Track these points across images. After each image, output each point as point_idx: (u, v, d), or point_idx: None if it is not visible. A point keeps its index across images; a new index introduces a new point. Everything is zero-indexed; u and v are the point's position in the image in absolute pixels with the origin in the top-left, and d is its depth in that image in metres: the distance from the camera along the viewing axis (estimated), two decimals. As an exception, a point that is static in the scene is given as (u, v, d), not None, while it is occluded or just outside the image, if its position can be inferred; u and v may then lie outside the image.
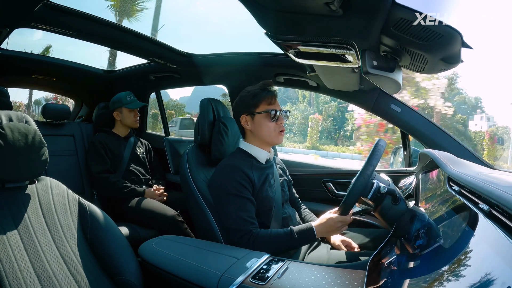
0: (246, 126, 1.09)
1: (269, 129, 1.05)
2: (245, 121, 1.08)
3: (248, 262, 0.78)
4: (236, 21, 41.75)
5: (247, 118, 1.07)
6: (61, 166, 1.72)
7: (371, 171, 0.83)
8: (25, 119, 0.89)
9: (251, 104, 1.06)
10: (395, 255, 0.72)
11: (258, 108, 1.05)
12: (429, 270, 0.54)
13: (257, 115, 1.05)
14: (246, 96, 1.07)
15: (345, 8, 0.72)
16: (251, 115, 1.07)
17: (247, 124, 1.08)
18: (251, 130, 1.08)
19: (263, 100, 1.05)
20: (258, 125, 1.06)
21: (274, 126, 1.05)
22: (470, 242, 0.49)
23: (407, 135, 1.48)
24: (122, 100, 1.78)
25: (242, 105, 1.08)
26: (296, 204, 1.28)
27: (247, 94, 1.07)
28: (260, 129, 1.06)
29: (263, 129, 1.05)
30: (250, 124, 1.07)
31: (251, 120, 1.07)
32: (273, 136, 1.06)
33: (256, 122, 1.06)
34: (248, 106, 1.06)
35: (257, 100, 1.05)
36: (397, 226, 0.80)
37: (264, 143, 1.09)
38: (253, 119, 1.07)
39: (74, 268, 0.81)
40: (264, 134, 1.06)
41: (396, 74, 0.95)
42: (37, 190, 0.87)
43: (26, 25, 1.26)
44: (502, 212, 0.46)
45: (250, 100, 1.06)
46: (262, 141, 1.08)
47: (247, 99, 1.07)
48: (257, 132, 1.07)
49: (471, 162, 1.01)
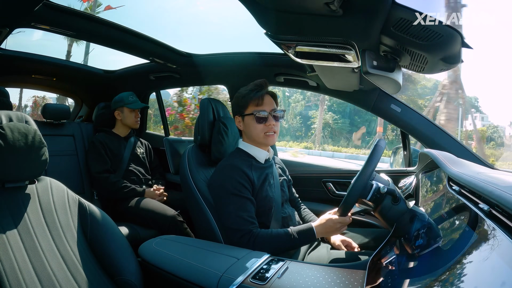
0: (239, 127, 1.10)
1: (257, 131, 1.05)
2: (238, 122, 1.10)
3: (248, 262, 0.78)
4: (236, 21, 41.76)
5: (239, 119, 1.09)
6: (61, 166, 1.72)
7: (371, 172, 0.83)
8: (25, 119, 0.89)
9: (240, 105, 1.07)
10: (395, 255, 0.72)
11: (247, 109, 1.06)
12: (429, 270, 0.54)
13: (246, 116, 1.06)
14: (237, 97, 1.08)
15: (345, 8, 0.72)
16: (241, 116, 1.08)
17: (240, 124, 1.10)
18: (244, 131, 1.10)
19: (250, 101, 1.05)
20: (247, 126, 1.07)
21: (262, 127, 1.05)
22: (470, 242, 0.49)
23: (407, 135, 1.48)
24: (124, 100, 1.78)
25: (235, 106, 1.10)
26: (296, 203, 1.28)
27: (239, 95, 1.08)
28: (249, 130, 1.07)
29: (251, 130, 1.06)
30: (242, 125, 1.09)
31: (242, 121, 1.08)
32: (261, 138, 1.06)
33: (246, 123, 1.07)
34: (239, 107, 1.08)
35: (245, 101, 1.05)
36: (397, 226, 0.80)
37: (258, 144, 1.09)
38: (243, 120, 1.08)
39: (74, 268, 0.81)
40: (253, 136, 1.07)
41: (396, 74, 0.95)
42: (37, 190, 0.87)
43: (26, 25, 1.26)
44: (502, 212, 0.46)
45: (240, 101, 1.07)
46: (254, 142, 1.09)
47: (238, 100, 1.08)
48: (248, 133, 1.08)
49: (471, 162, 1.01)
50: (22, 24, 1.24)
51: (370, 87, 1.37)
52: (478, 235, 0.48)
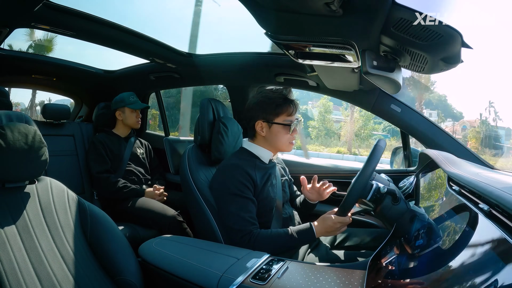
0: (261, 132, 1.05)
1: (284, 139, 1.04)
2: (261, 127, 1.05)
3: (248, 262, 0.78)
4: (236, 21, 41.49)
5: (263, 124, 1.04)
6: (61, 166, 1.72)
7: (371, 172, 0.83)
8: (25, 119, 0.89)
9: (271, 112, 1.03)
10: (395, 255, 0.72)
11: (278, 118, 1.03)
12: (429, 270, 0.54)
13: (275, 125, 1.03)
14: (267, 103, 1.03)
15: (345, 8, 0.72)
16: (268, 123, 1.04)
17: (262, 130, 1.05)
18: (265, 137, 1.06)
19: (285, 111, 1.03)
20: (274, 134, 1.04)
21: (289, 137, 1.05)
22: (470, 242, 0.49)
23: (407, 135, 1.48)
24: (125, 100, 1.78)
25: (261, 111, 1.04)
26: (294, 195, 1.28)
27: (268, 101, 1.03)
28: (276, 139, 1.04)
29: (278, 139, 1.04)
30: (266, 131, 1.05)
31: (267, 127, 1.04)
32: (286, 146, 1.05)
33: (273, 131, 1.04)
34: (268, 113, 1.03)
35: (279, 110, 1.02)
36: (397, 226, 0.80)
37: (274, 149, 1.08)
38: (270, 127, 1.04)
39: (74, 268, 0.81)
40: (277, 144, 1.05)
41: (396, 74, 0.94)
42: (37, 190, 0.87)
43: (26, 25, 1.26)
44: (502, 212, 0.46)
45: (272, 108, 1.02)
46: (273, 148, 1.07)
47: (268, 106, 1.03)
48: (271, 139, 1.05)
49: (471, 162, 1.01)
50: (22, 24, 1.24)
51: (370, 87, 1.37)
52: (478, 235, 0.48)
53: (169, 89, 2.26)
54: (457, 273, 0.45)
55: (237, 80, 1.81)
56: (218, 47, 38.75)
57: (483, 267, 0.41)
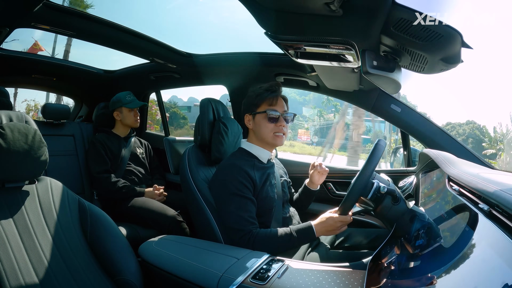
0: (249, 125, 1.11)
1: (267, 130, 1.06)
2: (248, 120, 1.11)
3: (248, 262, 0.78)
4: (236, 21, 41.53)
5: (250, 117, 1.10)
6: (61, 166, 1.72)
7: (371, 171, 0.83)
8: (25, 119, 0.90)
9: (253, 103, 1.08)
10: (395, 255, 0.72)
11: (259, 108, 1.07)
12: (429, 270, 0.54)
13: (257, 114, 1.07)
14: (250, 96, 1.10)
15: (345, 8, 0.72)
16: (252, 115, 1.09)
17: (249, 123, 1.10)
18: (252, 130, 1.10)
19: (265, 100, 1.06)
20: (257, 125, 1.07)
21: (273, 127, 1.06)
22: (470, 242, 0.49)
23: (407, 135, 1.48)
24: (122, 100, 1.78)
25: (247, 104, 1.10)
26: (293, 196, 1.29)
27: (252, 93, 1.10)
28: (259, 129, 1.07)
29: (261, 129, 1.07)
30: (252, 123, 1.10)
31: (252, 120, 1.09)
32: (270, 137, 1.07)
33: (256, 121, 1.08)
34: (251, 105, 1.09)
35: (259, 99, 1.07)
36: (397, 226, 0.80)
37: (265, 144, 1.09)
38: (254, 118, 1.08)
39: (74, 268, 0.81)
40: (262, 135, 1.07)
41: (396, 74, 0.95)
42: (37, 190, 0.87)
43: (26, 25, 1.26)
44: (502, 212, 0.46)
45: (253, 99, 1.08)
46: (262, 141, 1.09)
47: (251, 98, 1.09)
48: (257, 132, 1.08)
49: (471, 162, 1.01)
50: (22, 24, 1.24)
51: (370, 87, 1.37)
52: (478, 235, 0.48)
53: (169, 89, 2.26)
54: (457, 273, 0.45)
55: (237, 80, 1.81)
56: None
57: (483, 267, 0.41)
